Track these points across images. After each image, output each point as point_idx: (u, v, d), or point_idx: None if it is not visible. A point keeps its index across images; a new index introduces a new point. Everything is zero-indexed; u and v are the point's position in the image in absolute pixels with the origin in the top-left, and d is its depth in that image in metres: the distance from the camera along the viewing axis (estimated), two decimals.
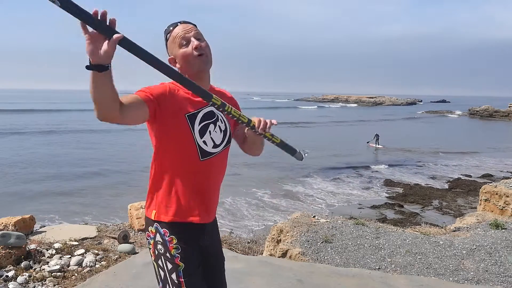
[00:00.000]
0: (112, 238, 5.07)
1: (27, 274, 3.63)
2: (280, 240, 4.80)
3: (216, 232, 1.80)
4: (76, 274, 3.77)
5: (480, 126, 47.51)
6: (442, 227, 5.84)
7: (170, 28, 1.59)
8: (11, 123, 36.23)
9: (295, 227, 4.89)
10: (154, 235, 1.61)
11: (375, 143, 26.46)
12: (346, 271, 3.59)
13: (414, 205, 13.04)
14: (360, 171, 18.35)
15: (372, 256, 4.19)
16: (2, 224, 4.88)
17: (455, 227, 5.39)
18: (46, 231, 5.21)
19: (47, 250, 4.20)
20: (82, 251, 4.31)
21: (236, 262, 3.55)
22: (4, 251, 3.78)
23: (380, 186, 15.75)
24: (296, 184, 15.70)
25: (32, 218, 5.27)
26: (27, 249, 4.04)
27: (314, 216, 5.36)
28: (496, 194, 5.86)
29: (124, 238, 4.88)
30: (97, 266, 4.02)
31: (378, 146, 26.06)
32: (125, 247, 4.58)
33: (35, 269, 3.78)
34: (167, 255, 1.57)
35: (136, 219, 5.68)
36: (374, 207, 12.70)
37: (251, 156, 1.84)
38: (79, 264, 4.01)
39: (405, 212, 12.17)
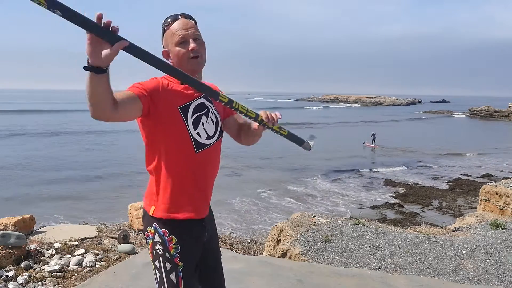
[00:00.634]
0: (112, 238, 5.07)
1: (27, 274, 3.63)
2: (280, 240, 4.80)
3: (213, 226, 1.80)
4: (76, 274, 3.77)
5: (480, 126, 47.52)
6: (442, 227, 5.85)
7: (168, 21, 1.56)
8: (10, 124, 36.18)
9: (295, 227, 4.89)
10: (153, 235, 1.59)
11: (371, 143, 26.51)
12: (346, 271, 3.59)
13: (414, 205, 13.05)
14: (360, 171, 18.36)
15: (372, 256, 4.19)
16: (2, 224, 4.88)
17: (455, 227, 5.39)
18: (46, 231, 5.21)
19: (47, 250, 4.20)
20: (82, 251, 4.31)
21: (236, 262, 3.55)
22: (4, 251, 3.78)
23: (380, 186, 15.76)
24: (300, 184, 15.71)
25: (32, 218, 5.27)
26: (27, 249, 4.04)
27: (314, 216, 5.36)
28: (496, 194, 5.86)
29: (124, 238, 4.88)
30: (97, 266, 4.01)
31: (374, 146, 26.12)
32: (125, 247, 4.58)
33: (35, 269, 3.78)
34: (166, 255, 1.56)
35: (136, 219, 5.68)
36: (374, 207, 12.72)
37: (248, 146, 1.85)
38: (79, 264, 4.01)
39: (405, 212, 12.18)
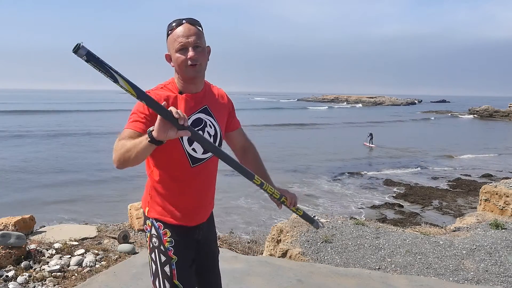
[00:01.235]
0: (112, 238, 5.07)
1: (27, 274, 3.63)
2: (280, 240, 4.80)
3: (211, 227, 1.85)
4: (76, 274, 3.77)
5: (480, 126, 47.52)
6: (442, 227, 5.84)
7: (173, 25, 1.58)
8: (10, 124, 36.09)
9: (295, 227, 4.89)
10: (150, 228, 1.68)
11: (369, 142, 26.60)
12: (346, 271, 3.59)
13: (414, 205, 13.04)
14: (361, 172, 18.35)
15: (372, 256, 4.19)
16: (2, 224, 4.88)
17: (455, 227, 5.39)
18: (46, 231, 5.21)
19: (47, 250, 4.20)
20: (82, 251, 4.30)
21: (236, 262, 3.55)
22: (4, 251, 3.78)
23: (380, 186, 15.76)
24: (301, 185, 15.73)
25: (32, 218, 5.26)
26: (27, 249, 4.03)
27: (314, 216, 5.36)
28: (496, 194, 5.86)
29: (124, 238, 4.88)
30: (97, 266, 4.01)
31: (371, 145, 26.20)
32: (125, 247, 4.58)
33: (35, 269, 3.78)
34: (161, 248, 1.63)
35: (136, 219, 5.68)
36: (374, 207, 12.71)
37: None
38: (79, 264, 4.01)
39: (405, 212, 12.17)
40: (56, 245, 4.40)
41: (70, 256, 4.16)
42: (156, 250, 1.65)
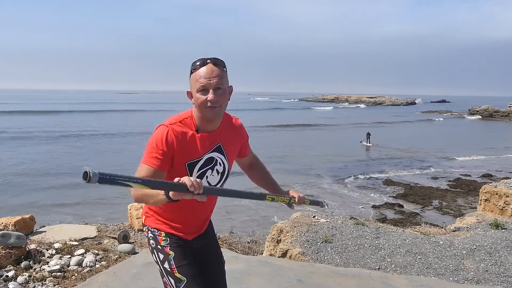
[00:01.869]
0: (112, 238, 5.07)
1: (27, 274, 3.63)
2: (280, 240, 4.80)
3: (210, 235, 1.90)
4: (76, 274, 3.77)
5: (480, 126, 47.50)
6: (442, 227, 5.84)
7: (196, 65, 1.59)
8: (10, 125, 36.03)
9: (295, 227, 4.89)
10: (147, 233, 1.79)
11: (366, 142, 26.68)
12: (346, 271, 3.59)
13: (414, 205, 13.03)
14: (361, 172, 18.36)
15: (372, 256, 4.18)
16: (2, 224, 4.88)
17: (455, 227, 5.39)
18: (46, 231, 5.21)
19: (47, 250, 4.20)
20: (82, 251, 4.31)
21: (236, 262, 3.55)
22: (4, 251, 3.78)
23: (380, 186, 15.76)
24: (302, 185, 15.72)
25: (32, 218, 5.27)
26: (27, 249, 4.04)
27: (314, 216, 5.36)
28: (496, 194, 5.86)
29: (124, 238, 4.88)
30: (97, 266, 4.02)
31: (368, 145, 26.29)
32: (125, 247, 4.58)
33: (35, 269, 3.78)
34: (158, 247, 1.72)
35: (136, 219, 5.68)
36: (374, 207, 12.70)
37: (253, 149, 2.03)
38: (79, 264, 4.01)
39: (405, 212, 12.17)
40: (56, 245, 4.40)
41: (70, 256, 4.16)
42: (155, 251, 1.73)
